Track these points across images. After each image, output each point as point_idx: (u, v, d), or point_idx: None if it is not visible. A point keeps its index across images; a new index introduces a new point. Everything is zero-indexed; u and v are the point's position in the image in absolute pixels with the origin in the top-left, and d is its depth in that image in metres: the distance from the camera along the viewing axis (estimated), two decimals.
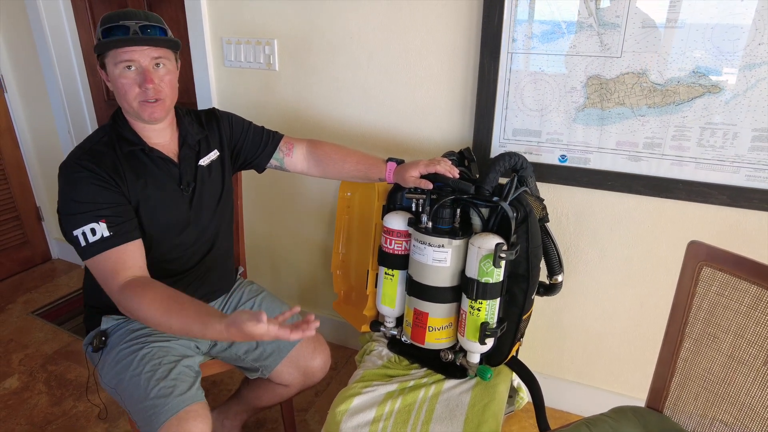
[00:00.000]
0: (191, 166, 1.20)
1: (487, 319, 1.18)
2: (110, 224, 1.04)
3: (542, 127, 1.43)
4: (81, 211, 1.03)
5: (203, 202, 1.22)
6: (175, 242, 1.19)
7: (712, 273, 1.03)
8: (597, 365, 1.64)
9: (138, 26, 1.03)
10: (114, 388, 1.13)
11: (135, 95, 1.06)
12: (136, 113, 1.10)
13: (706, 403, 1.04)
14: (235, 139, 1.32)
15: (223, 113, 1.33)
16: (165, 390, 1.05)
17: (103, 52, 1.05)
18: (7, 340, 2.09)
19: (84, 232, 1.03)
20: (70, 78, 2.33)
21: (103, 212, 1.04)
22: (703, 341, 1.04)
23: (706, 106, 1.26)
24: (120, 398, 1.12)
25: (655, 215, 1.42)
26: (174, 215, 1.17)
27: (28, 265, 2.68)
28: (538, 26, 1.35)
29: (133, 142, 1.13)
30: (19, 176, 2.56)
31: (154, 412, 1.02)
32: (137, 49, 1.03)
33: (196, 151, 1.22)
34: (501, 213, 1.21)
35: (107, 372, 1.15)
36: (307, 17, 1.63)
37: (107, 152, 1.10)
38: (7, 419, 1.69)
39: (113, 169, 1.08)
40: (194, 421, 1.01)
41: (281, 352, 1.26)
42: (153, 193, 1.13)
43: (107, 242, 1.03)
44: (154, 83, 1.06)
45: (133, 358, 1.11)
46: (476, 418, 1.15)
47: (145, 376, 1.07)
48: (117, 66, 1.04)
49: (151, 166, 1.14)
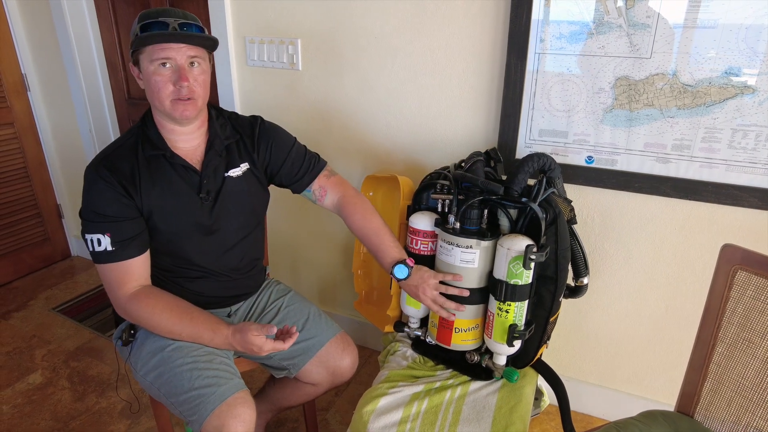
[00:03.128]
0: (215, 175, 1.18)
1: (516, 321, 1.18)
2: (114, 239, 1.07)
3: (569, 127, 1.42)
4: (92, 220, 1.07)
5: (229, 211, 1.20)
6: (200, 248, 1.19)
7: (747, 277, 1.01)
8: (620, 368, 1.63)
9: (177, 23, 1.03)
10: (151, 381, 1.14)
11: (168, 93, 1.06)
12: (167, 112, 1.09)
13: (739, 408, 1.03)
14: (272, 166, 1.26)
15: (269, 130, 1.26)
16: (210, 380, 1.08)
17: (139, 48, 1.05)
18: (30, 336, 2.12)
19: (92, 239, 1.07)
20: (92, 78, 2.35)
21: (109, 227, 1.06)
22: (738, 346, 1.03)
23: (738, 107, 1.25)
24: (157, 390, 1.13)
25: (682, 218, 1.41)
26: (191, 222, 1.16)
27: (48, 261, 2.71)
28: (566, 26, 1.34)
29: (157, 146, 1.12)
30: (41, 174, 2.59)
31: (202, 401, 1.05)
32: (174, 46, 1.04)
33: (223, 158, 1.19)
34: (530, 214, 1.20)
35: (142, 365, 1.16)
36: (332, 17, 1.64)
37: (128, 157, 1.10)
38: (33, 414, 1.71)
39: (129, 177, 1.09)
40: (242, 407, 1.05)
41: (310, 351, 1.26)
42: (168, 201, 1.13)
43: (109, 256, 1.07)
44: (188, 81, 1.06)
45: (170, 351, 1.13)
46: (504, 420, 1.15)
47: (187, 368, 1.09)
48: (152, 63, 1.04)
49: (171, 173, 1.13)
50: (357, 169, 1.79)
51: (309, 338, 1.28)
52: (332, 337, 1.30)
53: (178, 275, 1.21)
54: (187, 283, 1.22)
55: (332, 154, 1.81)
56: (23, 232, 2.56)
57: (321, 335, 1.29)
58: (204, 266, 1.21)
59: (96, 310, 2.31)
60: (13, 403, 1.76)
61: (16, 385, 1.84)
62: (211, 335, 1.10)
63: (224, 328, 1.10)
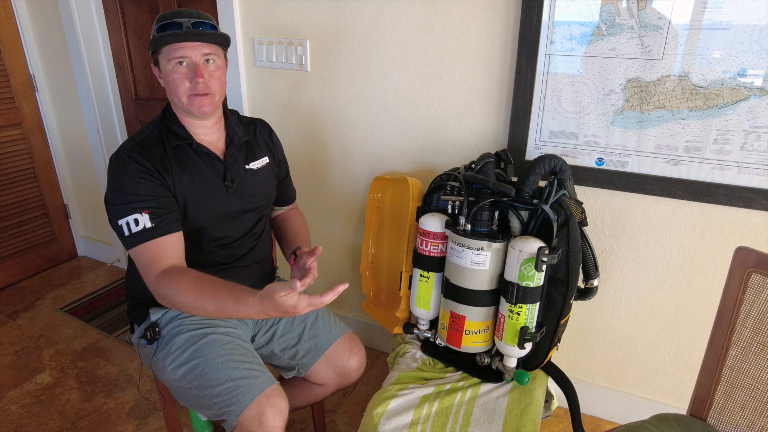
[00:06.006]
0: (238, 166, 1.23)
1: (527, 324, 1.17)
2: (153, 216, 1.07)
3: (579, 129, 1.42)
4: (126, 202, 1.07)
5: (249, 202, 1.25)
6: (223, 233, 1.22)
7: (762, 280, 1.00)
8: (630, 371, 1.62)
9: (191, 23, 1.08)
10: (182, 374, 1.13)
11: (186, 89, 1.11)
12: (185, 108, 1.13)
13: (753, 412, 1.02)
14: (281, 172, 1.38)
15: (278, 140, 1.38)
16: (247, 372, 1.09)
17: (157, 48, 1.10)
18: (37, 336, 2.13)
19: (128, 221, 1.06)
20: (100, 78, 2.36)
21: (147, 204, 1.07)
22: (752, 349, 1.02)
23: (751, 109, 1.24)
24: (189, 383, 1.12)
25: (693, 220, 1.40)
26: (219, 208, 1.20)
27: (55, 261, 2.72)
28: (577, 28, 1.34)
29: (182, 136, 1.16)
30: (48, 175, 2.59)
31: (240, 392, 1.06)
32: (189, 45, 1.08)
33: (243, 152, 1.25)
34: (541, 216, 1.20)
35: (172, 360, 1.15)
36: (340, 18, 1.64)
37: (156, 146, 1.13)
38: (41, 414, 1.71)
39: (161, 162, 1.11)
40: (279, 399, 1.07)
41: (318, 351, 1.27)
42: (199, 187, 1.16)
43: (149, 233, 1.06)
44: (204, 77, 1.10)
45: (203, 345, 1.13)
46: (515, 423, 1.14)
47: (223, 359, 1.10)
48: (170, 62, 1.09)
49: (198, 160, 1.17)
50: (365, 170, 1.79)
51: (317, 337, 1.29)
52: (340, 337, 1.30)
53: (199, 262, 1.18)
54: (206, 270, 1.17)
55: (340, 155, 1.81)
56: (30, 232, 2.57)
57: (328, 334, 1.30)
58: (224, 253, 1.24)
59: (103, 311, 2.31)
60: (22, 402, 1.76)
61: (25, 385, 1.84)
62: (234, 304, 1.01)
63: (250, 297, 1.00)
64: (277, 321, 1.31)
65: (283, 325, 1.30)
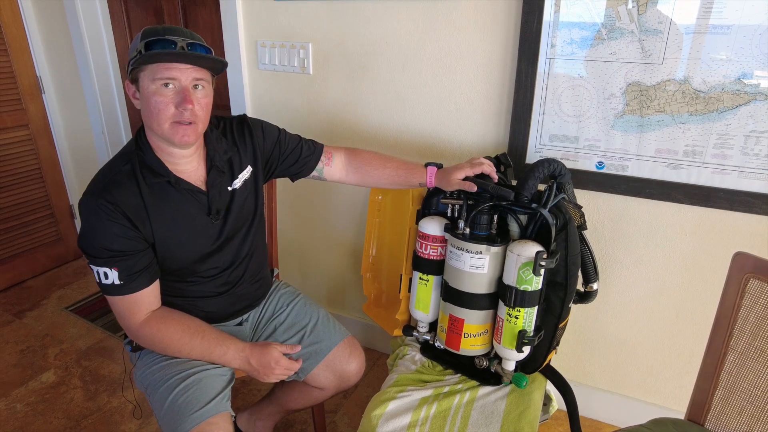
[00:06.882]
0: (221, 193, 1.14)
1: (525, 327, 1.18)
2: (122, 274, 1.02)
3: (579, 133, 1.42)
4: (96, 254, 1.01)
5: (236, 226, 1.19)
6: (211, 266, 1.17)
7: (759, 285, 1.01)
8: (629, 375, 1.62)
9: (185, 43, 0.98)
10: (146, 388, 1.16)
11: (169, 115, 1.00)
12: (166, 135, 1.02)
13: (751, 418, 1.02)
14: (268, 151, 1.24)
15: (255, 121, 1.24)
16: (190, 398, 1.06)
17: (141, 66, 0.98)
18: (42, 335, 2.15)
19: (98, 272, 1.03)
20: (105, 80, 2.38)
21: (116, 261, 1.01)
22: (750, 355, 1.02)
23: (751, 113, 1.24)
24: (150, 399, 1.14)
25: (694, 224, 1.40)
26: (203, 246, 1.14)
27: (61, 261, 2.75)
28: (578, 32, 1.34)
29: (158, 173, 1.06)
30: (54, 175, 2.62)
31: (180, 419, 1.03)
32: (181, 66, 0.98)
33: (225, 173, 1.15)
34: (540, 220, 1.20)
35: (142, 372, 1.18)
36: (343, 21, 1.65)
37: (129, 185, 1.03)
38: (46, 412, 1.74)
39: (134, 209, 1.02)
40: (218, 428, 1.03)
41: (318, 356, 1.27)
42: (181, 227, 1.10)
43: (118, 289, 1.04)
44: (192, 105, 0.99)
45: (166, 362, 1.14)
46: (512, 426, 1.15)
47: (174, 381, 1.09)
48: (154, 82, 0.97)
49: (178, 198, 1.08)
50: None
51: (317, 342, 1.29)
52: (339, 342, 1.30)
53: (189, 295, 1.19)
54: (199, 302, 1.21)
55: None
56: (36, 232, 2.59)
57: (328, 340, 1.30)
58: (216, 283, 1.20)
59: (107, 310, 2.33)
60: (27, 401, 1.78)
61: (30, 383, 1.87)
62: (222, 350, 1.10)
63: (237, 343, 1.10)
64: (276, 327, 1.32)
65: (282, 330, 1.31)
